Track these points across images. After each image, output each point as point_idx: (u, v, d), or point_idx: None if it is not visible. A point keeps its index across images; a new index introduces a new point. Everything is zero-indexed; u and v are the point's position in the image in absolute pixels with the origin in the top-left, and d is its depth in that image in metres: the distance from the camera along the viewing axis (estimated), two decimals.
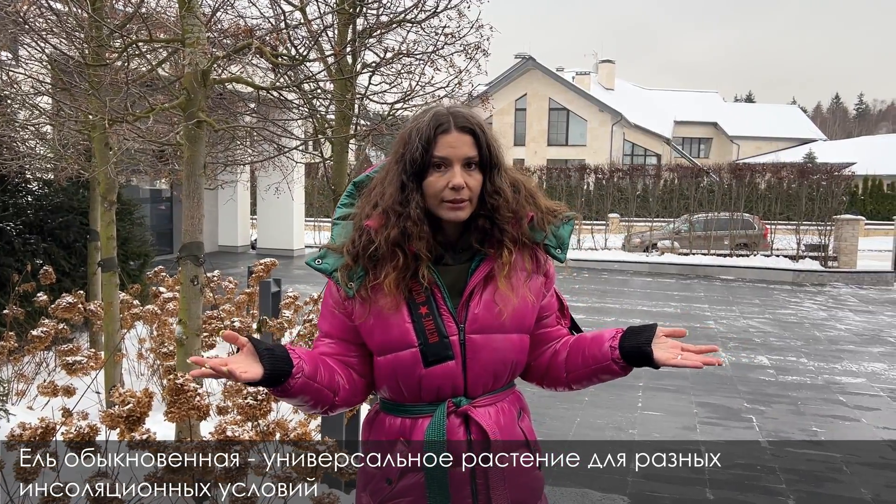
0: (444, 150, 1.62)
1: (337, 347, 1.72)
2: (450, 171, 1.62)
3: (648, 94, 49.27)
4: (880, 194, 30.96)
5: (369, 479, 1.73)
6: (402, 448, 1.67)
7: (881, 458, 5.15)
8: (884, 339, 9.68)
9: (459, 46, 4.64)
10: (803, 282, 15.88)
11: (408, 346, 1.63)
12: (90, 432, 2.82)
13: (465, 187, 1.62)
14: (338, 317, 1.71)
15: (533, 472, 1.73)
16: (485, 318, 1.65)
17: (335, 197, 4.72)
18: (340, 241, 1.70)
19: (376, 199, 1.67)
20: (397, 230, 1.62)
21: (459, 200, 1.62)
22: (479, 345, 1.64)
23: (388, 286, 1.61)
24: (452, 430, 1.64)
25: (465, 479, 1.64)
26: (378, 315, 1.64)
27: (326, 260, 1.70)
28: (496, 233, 1.67)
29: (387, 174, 1.69)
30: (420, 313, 1.63)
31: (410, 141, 1.64)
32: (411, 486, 1.66)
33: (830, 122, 79.43)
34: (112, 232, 5.02)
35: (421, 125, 1.64)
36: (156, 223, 16.13)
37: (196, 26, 3.18)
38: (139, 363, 6.02)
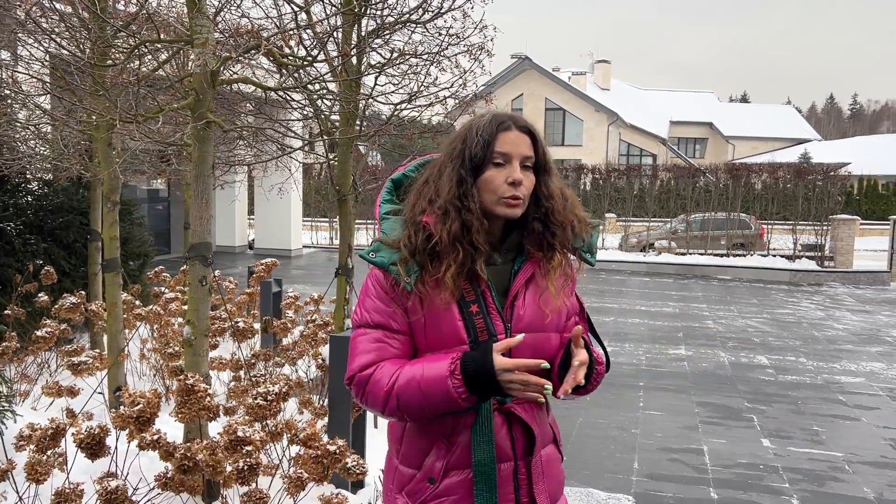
0: (505, 146, 1.68)
1: (394, 341, 1.70)
2: (509, 167, 1.67)
3: (644, 95, 49.36)
4: (875, 194, 31.07)
5: (406, 481, 1.73)
6: (444, 447, 1.68)
7: (882, 457, 5.17)
8: (881, 338, 9.72)
9: (463, 47, 4.65)
10: (800, 282, 15.93)
11: (458, 343, 1.66)
12: (101, 433, 2.82)
13: (522, 185, 1.68)
14: (393, 308, 1.69)
15: (558, 465, 1.84)
16: (529, 318, 1.70)
17: (340, 197, 4.73)
18: (393, 236, 1.72)
19: (431, 195, 1.70)
20: (458, 224, 1.65)
21: (516, 197, 1.67)
22: (524, 343, 1.66)
23: (448, 280, 1.63)
24: (497, 427, 1.68)
25: (508, 475, 1.68)
26: (430, 311, 1.66)
27: (381, 254, 1.71)
28: (548, 236, 1.73)
29: (441, 171, 1.72)
30: (471, 311, 1.66)
31: (470, 138, 1.69)
32: (456, 484, 1.67)
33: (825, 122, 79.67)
34: (115, 232, 5.01)
35: (481, 123, 1.70)
36: (153, 223, 16.09)
37: (205, 27, 3.17)
38: (141, 363, 6.01)
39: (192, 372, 3.24)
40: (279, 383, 3.15)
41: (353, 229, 4.79)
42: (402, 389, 1.61)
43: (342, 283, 4.79)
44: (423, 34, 4.50)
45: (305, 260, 18.08)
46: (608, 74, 46.19)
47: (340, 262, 4.75)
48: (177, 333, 5.43)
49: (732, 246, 18.45)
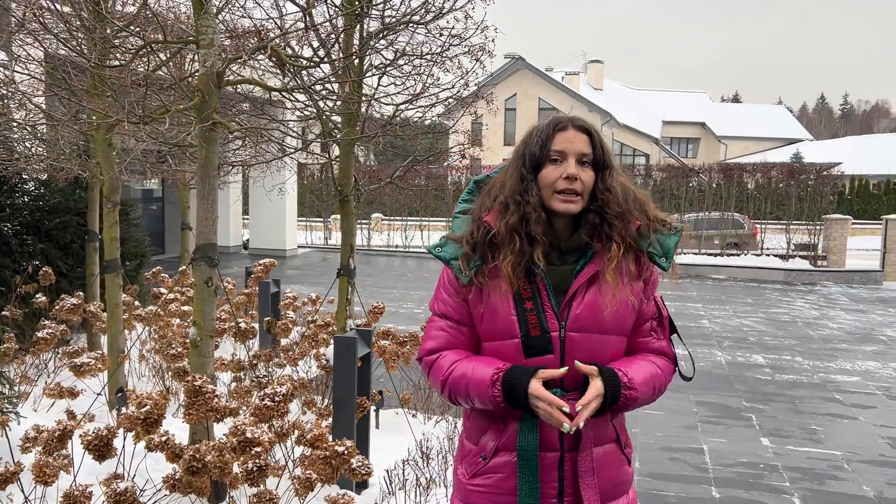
0: (561, 144, 1.78)
1: (458, 332, 1.86)
2: (565, 164, 1.77)
3: (637, 95, 49.47)
4: (867, 194, 31.23)
5: (466, 454, 1.89)
6: (498, 429, 1.81)
7: (881, 455, 5.20)
8: (876, 337, 9.78)
9: (464, 48, 4.66)
10: (794, 281, 16.01)
11: (511, 337, 1.76)
12: (108, 435, 2.81)
13: (578, 180, 1.76)
14: (456, 300, 1.85)
15: (621, 467, 1.86)
16: (585, 318, 1.75)
17: (341, 197, 4.73)
18: (460, 233, 1.86)
19: (496, 193, 1.84)
20: (516, 216, 1.77)
21: (572, 192, 1.75)
22: (577, 342, 1.75)
23: (505, 269, 1.74)
24: None
25: (553, 464, 1.76)
26: (488, 305, 1.78)
27: (446, 249, 1.85)
28: (605, 228, 1.78)
29: (507, 172, 1.85)
30: (525, 307, 1.75)
31: (530, 138, 1.82)
32: (502, 463, 1.79)
33: (816, 122, 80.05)
34: (116, 233, 5.00)
35: (541, 125, 1.83)
36: (147, 223, 16.02)
37: (210, 27, 3.17)
38: (140, 364, 5.99)
39: (197, 373, 3.24)
40: (286, 384, 3.16)
41: (355, 230, 4.79)
42: (454, 382, 1.78)
43: (344, 283, 4.79)
44: (425, 35, 4.51)
45: (300, 260, 18.05)
46: (601, 74, 46.29)
47: (342, 263, 4.75)
48: (177, 334, 5.41)
49: (726, 245, 18.52)
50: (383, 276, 15.27)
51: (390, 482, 3.73)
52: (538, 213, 1.76)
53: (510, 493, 1.78)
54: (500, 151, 38.17)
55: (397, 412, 5.31)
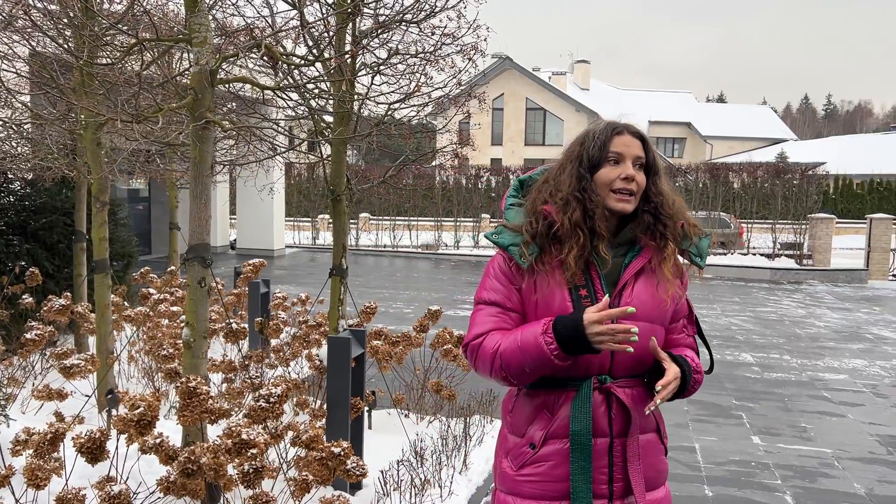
0: (619, 147, 1.88)
1: (508, 318, 1.90)
2: (623, 165, 1.87)
3: (623, 95, 49.66)
4: (851, 193, 31.53)
5: (512, 447, 1.92)
6: (546, 418, 1.86)
7: (870, 453, 5.24)
8: (862, 335, 9.87)
9: (456, 47, 4.65)
10: (780, 280, 16.12)
11: None
12: (101, 437, 2.77)
13: (635, 181, 1.86)
14: (510, 288, 1.90)
15: (660, 455, 1.94)
16: (637, 307, 1.80)
17: (333, 197, 4.70)
18: (516, 222, 1.94)
19: (552, 190, 1.92)
20: (579, 212, 1.85)
21: (628, 192, 1.85)
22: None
23: (570, 260, 1.82)
24: (596, 404, 1.82)
25: (603, 450, 1.82)
26: (543, 292, 1.85)
27: (503, 236, 1.92)
28: (659, 227, 1.89)
29: (562, 171, 1.93)
30: (580, 295, 1.83)
31: (588, 141, 1.91)
32: (553, 452, 1.83)
33: (800, 122, 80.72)
34: (105, 233, 4.94)
35: (598, 129, 1.92)
36: (133, 223, 15.89)
37: (203, 25, 3.14)
38: (129, 365, 5.94)
39: (190, 374, 3.20)
40: (281, 385, 3.13)
41: (347, 229, 4.77)
42: (504, 349, 1.81)
43: (336, 283, 4.77)
44: (418, 34, 4.49)
45: (288, 260, 17.97)
46: (587, 75, 46.45)
47: (335, 263, 4.73)
48: (167, 335, 5.37)
49: (712, 244, 18.59)
50: (372, 275, 15.24)
51: (385, 483, 3.71)
52: (602, 209, 1.85)
53: (562, 480, 1.82)
54: (487, 151, 38.21)
55: (389, 412, 5.29)
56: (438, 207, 21.38)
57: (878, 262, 16.38)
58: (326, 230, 22.29)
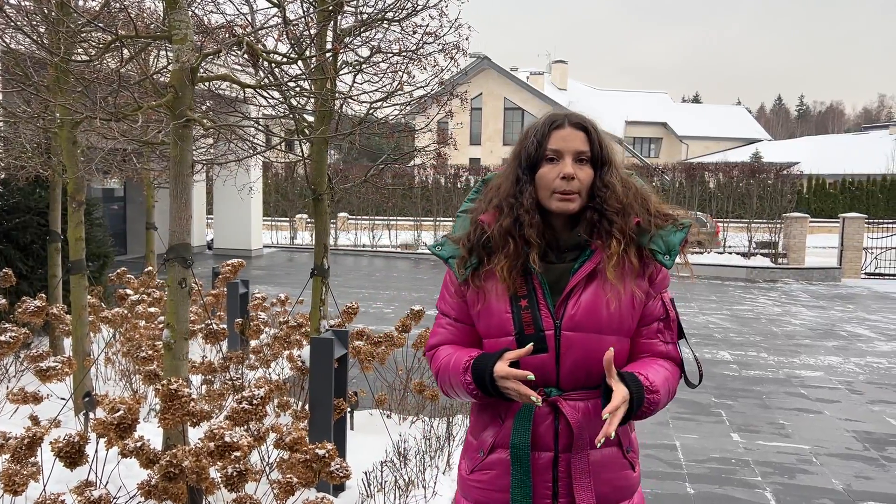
0: (557, 143, 1.74)
1: (455, 329, 1.87)
2: (561, 163, 1.73)
3: (600, 95, 49.98)
4: (823, 193, 31.99)
5: (468, 448, 1.89)
6: (497, 426, 1.79)
7: (847, 449, 5.31)
8: (836, 333, 10.00)
9: (438, 46, 4.63)
10: (756, 278, 16.30)
11: (505, 335, 1.75)
12: (80, 441, 2.72)
13: (576, 179, 1.72)
14: (456, 299, 1.86)
15: (621, 471, 1.79)
16: (581, 317, 1.70)
17: (315, 196, 4.66)
18: (459, 233, 1.86)
19: (492, 196, 1.83)
20: (510, 219, 1.75)
21: (569, 192, 1.72)
22: (573, 342, 1.70)
23: (500, 272, 1.74)
24: (540, 417, 1.73)
25: (547, 464, 1.73)
26: (484, 303, 1.78)
27: (445, 248, 1.88)
28: (604, 224, 1.73)
29: (504, 172, 1.84)
30: (520, 305, 1.73)
31: (527, 138, 1.79)
32: (498, 461, 1.78)
33: (774, 123, 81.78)
34: (81, 233, 4.86)
35: (537, 123, 1.79)
36: (109, 223, 15.68)
37: (183, 22, 3.09)
38: (106, 367, 5.85)
39: (171, 376, 3.16)
40: (264, 387, 3.10)
41: (328, 229, 4.73)
42: (441, 374, 1.83)
43: (318, 283, 4.73)
44: (399, 32, 4.47)
45: (266, 260, 17.84)
46: (565, 75, 46.67)
47: (316, 263, 4.69)
48: (144, 336, 5.29)
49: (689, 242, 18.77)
50: (351, 275, 15.17)
51: (369, 484, 3.69)
52: (532, 215, 1.73)
53: (504, 490, 1.76)
54: (466, 151, 38.23)
55: (371, 413, 5.26)
56: (418, 207, 21.35)
57: (850, 260, 16.63)
58: (304, 230, 22.16)
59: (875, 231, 17.60)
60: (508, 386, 1.64)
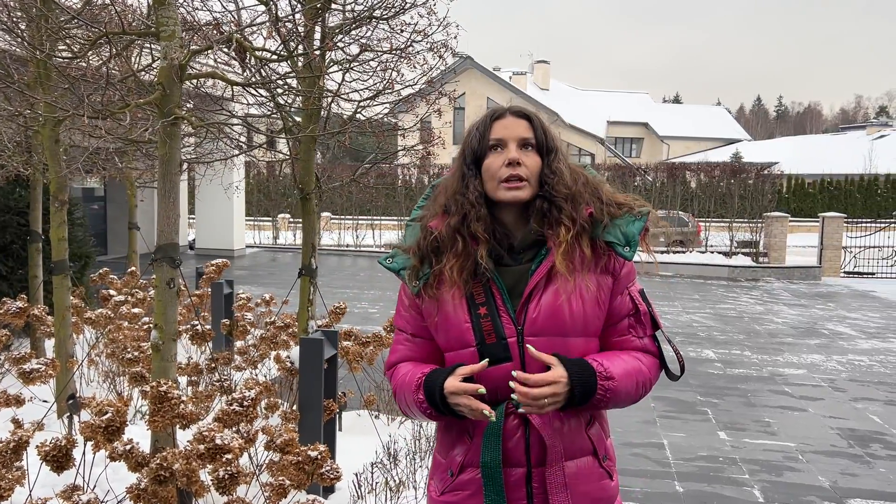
0: (499, 131, 1.69)
1: (413, 346, 1.78)
2: (506, 150, 1.67)
3: (582, 95, 50.20)
4: (803, 192, 32.33)
5: (437, 468, 1.79)
6: (466, 444, 1.69)
7: (832, 446, 5.36)
8: (818, 331, 10.10)
9: (426, 44, 4.61)
10: (738, 277, 16.44)
11: (466, 346, 1.65)
12: (67, 445, 2.67)
13: (522, 164, 1.65)
14: (411, 313, 1.77)
15: (599, 481, 1.69)
16: (544, 321, 1.61)
17: (303, 195, 4.63)
18: (410, 242, 1.76)
19: (441, 198, 1.75)
20: (458, 217, 1.67)
21: (516, 178, 1.64)
22: (538, 347, 1.60)
23: (449, 273, 1.65)
24: (510, 431, 1.63)
25: (520, 481, 1.64)
26: (441, 314, 1.68)
27: (396, 259, 1.78)
28: (554, 212, 1.65)
29: (452, 173, 1.77)
30: (479, 314, 1.63)
31: (470, 134, 1.73)
32: (469, 480, 1.68)
33: (753, 123, 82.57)
34: (64, 233, 4.79)
35: (479, 118, 1.74)
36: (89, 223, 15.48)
37: (171, 19, 3.05)
38: (89, 369, 5.76)
39: (159, 377, 3.11)
40: (255, 388, 3.06)
41: (316, 228, 4.69)
42: (398, 393, 1.75)
43: (305, 283, 4.69)
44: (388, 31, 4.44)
45: (249, 260, 17.72)
46: (547, 75, 46.83)
47: (304, 262, 4.65)
48: (128, 337, 5.22)
49: (671, 243, 18.92)
50: (335, 275, 15.10)
51: (359, 486, 3.66)
52: (477, 208, 1.65)
53: None
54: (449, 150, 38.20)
55: (359, 414, 5.23)
56: (402, 206, 21.30)
57: (830, 259, 16.81)
58: (287, 230, 22.04)
59: (853, 230, 17.83)
60: (460, 402, 1.57)
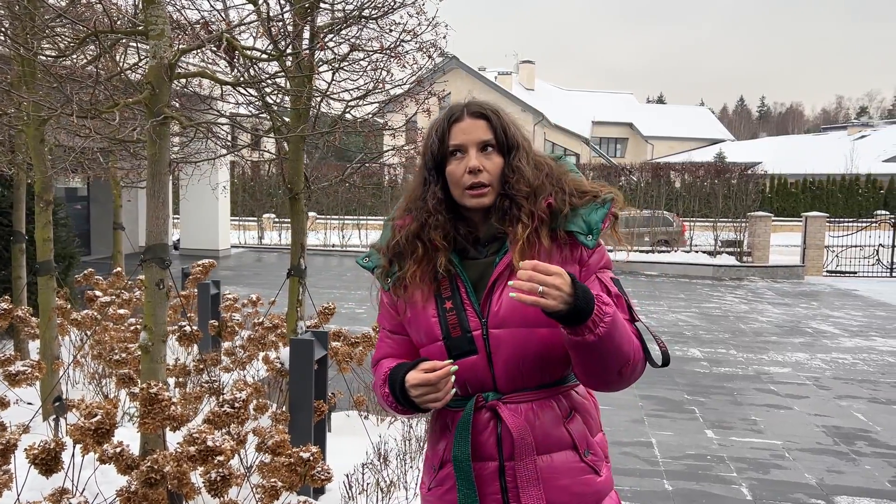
0: (458, 137, 1.66)
1: (393, 342, 1.81)
2: (466, 157, 1.64)
3: (567, 95, 50.36)
4: (785, 192, 32.63)
5: (426, 463, 1.80)
6: (447, 438, 1.70)
7: (818, 443, 5.41)
8: (802, 329, 10.19)
9: (415, 44, 4.60)
10: (722, 276, 16.56)
11: (434, 340, 1.67)
12: (56, 448, 2.64)
13: (484, 171, 1.63)
14: (390, 312, 1.80)
15: (580, 476, 1.64)
16: (506, 312, 1.60)
17: (291, 195, 4.60)
18: (383, 242, 1.79)
19: (406, 198, 1.77)
20: (417, 223, 1.68)
21: (479, 185, 1.63)
22: (501, 339, 1.60)
23: (410, 278, 1.67)
24: (481, 424, 1.64)
25: (493, 475, 1.62)
26: (412, 310, 1.71)
27: (371, 258, 1.81)
28: (514, 210, 1.63)
29: (416, 173, 1.77)
30: (445, 308, 1.65)
31: (429, 136, 1.71)
32: (448, 475, 1.68)
33: (736, 123, 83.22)
34: (49, 233, 4.74)
35: (437, 120, 1.72)
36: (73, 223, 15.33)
37: (160, 18, 3.02)
38: (74, 371, 5.71)
39: (148, 379, 3.08)
40: (245, 389, 3.04)
41: (305, 228, 4.67)
42: (375, 389, 1.77)
43: (294, 284, 4.67)
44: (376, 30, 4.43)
45: (234, 260, 17.61)
46: (532, 75, 46.91)
47: (293, 263, 4.63)
48: (115, 339, 5.17)
49: (656, 243, 19.02)
50: (322, 275, 15.04)
51: (350, 487, 3.65)
52: (435, 216, 1.66)
53: None
54: None
55: (348, 414, 5.21)
56: (388, 206, 21.26)
57: (813, 258, 16.97)
58: (272, 230, 21.94)
59: (836, 230, 18.00)
60: (419, 394, 1.57)
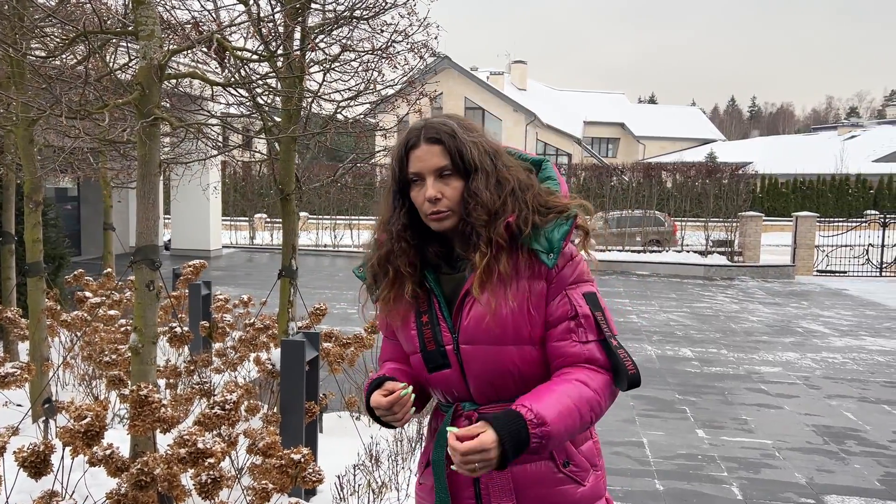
0: (415, 164, 1.65)
1: (389, 344, 1.88)
2: (424, 185, 1.65)
3: (559, 95, 50.43)
4: (776, 192, 32.77)
5: (420, 459, 1.88)
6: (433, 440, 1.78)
7: (808, 443, 5.43)
8: (793, 329, 10.25)
9: (407, 45, 4.60)
10: (713, 276, 16.62)
11: (415, 352, 1.74)
12: (46, 450, 2.63)
13: (442, 198, 1.63)
14: (384, 320, 1.84)
15: (557, 486, 1.64)
16: (474, 329, 1.63)
17: (283, 196, 4.59)
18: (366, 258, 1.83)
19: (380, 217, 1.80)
20: (385, 249, 1.72)
21: (438, 212, 1.64)
22: (471, 355, 1.65)
23: (384, 300, 1.75)
24: None
25: (467, 480, 1.67)
26: (399, 319, 1.77)
27: (364, 269, 1.83)
28: (473, 236, 1.63)
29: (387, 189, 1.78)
30: (422, 321, 1.71)
31: (392, 162, 1.71)
32: (430, 474, 1.76)
33: (727, 123, 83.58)
34: (38, 234, 4.71)
35: (396, 145, 1.71)
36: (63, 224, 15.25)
37: (150, 18, 3.01)
38: (64, 372, 5.68)
39: (138, 381, 3.07)
40: (236, 391, 3.03)
41: (296, 229, 4.66)
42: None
43: (286, 285, 4.66)
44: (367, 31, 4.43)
45: (226, 261, 17.57)
46: (524, 75, 46.95)
47: (284, 264, 4.62)
48: (105, 340, 5.15)
49: (648, 242, 19.08)
50: (313, 276, 15.02)
51: (342, 488, 3.65)
52: (399, 244, 1.69)
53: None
54: None
55: (340, 415, 5.21)
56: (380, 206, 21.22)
57: (803, 258, 17.05)
58: (264, 230, 21.89)
59: (826, 229, 18.10)
60: (384, 416, 1.64)
